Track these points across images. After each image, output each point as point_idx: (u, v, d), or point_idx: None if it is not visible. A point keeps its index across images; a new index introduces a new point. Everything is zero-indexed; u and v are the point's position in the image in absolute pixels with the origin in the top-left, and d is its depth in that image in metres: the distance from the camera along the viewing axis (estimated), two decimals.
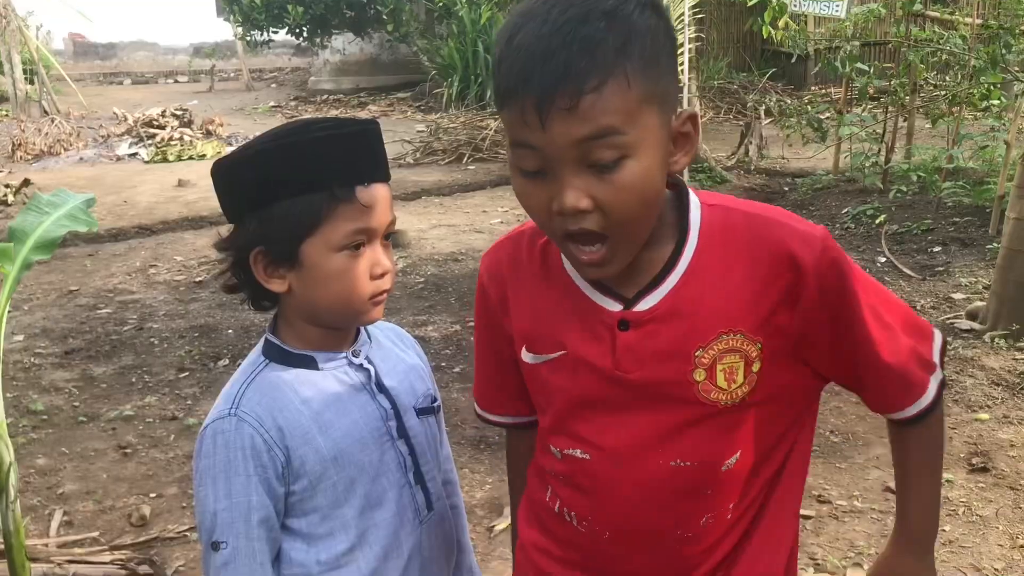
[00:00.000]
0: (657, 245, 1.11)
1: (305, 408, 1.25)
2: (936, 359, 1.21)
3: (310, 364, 1.29)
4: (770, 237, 1.10)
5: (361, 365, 1.32)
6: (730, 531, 1.20)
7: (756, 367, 1.11)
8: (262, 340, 1.33)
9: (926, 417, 1.21)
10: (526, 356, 1.21)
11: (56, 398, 4.51)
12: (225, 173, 1.26)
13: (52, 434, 4.12)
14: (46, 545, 3.09)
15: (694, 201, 1.13)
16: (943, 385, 1.22)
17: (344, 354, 1.31)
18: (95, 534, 3.24)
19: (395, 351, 1.41)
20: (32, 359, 5.02)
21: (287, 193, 1.20)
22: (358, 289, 1.24)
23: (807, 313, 1.10)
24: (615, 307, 1.13)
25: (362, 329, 1.36)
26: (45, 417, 4.29)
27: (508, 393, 1.32)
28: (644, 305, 1.11)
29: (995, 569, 2.89)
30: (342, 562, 1.27)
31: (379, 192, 1.24)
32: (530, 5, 1.02)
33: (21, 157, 11.81)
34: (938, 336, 1.22)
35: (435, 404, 1.42)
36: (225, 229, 1.32)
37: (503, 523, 3.23)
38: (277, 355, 1.29)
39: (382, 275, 1.26)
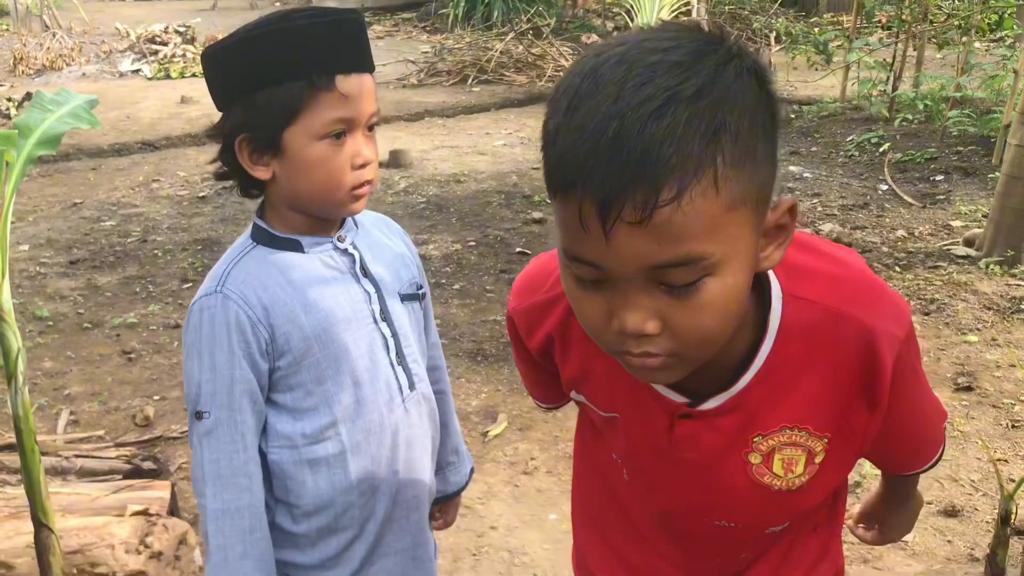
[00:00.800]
0: (732, 343, 0.96)
1: (290, 288, 1.30)
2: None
3: (296, 247, 1.33)
4: (856, 341, 0.99)
5: (346, 250, 1.36)
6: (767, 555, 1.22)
7: (819, 459, 1.06)
8: (251, 225, 1.37)
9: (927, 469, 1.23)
10: (574, 395, 1.16)
11: (61, 305, 4.58)
12: (212, 60, 1.29)
13: (58, 339, 4.21)
14: (54, 441, 3.19)
15: (776, 292, 0.98)
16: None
17: (330, 239, 1.35)
18: (101, 432, 3.34)
19: (383, 239, 1.45)
20: (37, 268, 5.08)
21: (269, 81, 1.23)
22: (338, 178, 1.27)
23: (883, 411, 1.04)
24: (679, 399, 1.04)
25: (349, 217, 1.39)
26: (51, 323, 4.37)
27: (560, 392, 1.22)
28: (710, 404, 1.03)
29: (971, 480, 2.98)
30: (325, 435, 1.33)
31: (360, 82, 1.26)
32: (599, 63, 0.81)
33: (23, 72, 11.71)
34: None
35: (420, 291, 1.47)
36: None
37: (496, 429, 3.33)
38: (264, 238, 1.34)
39: (363, 165, 1.29)
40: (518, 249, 5.22)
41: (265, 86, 1.24)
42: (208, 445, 1.28)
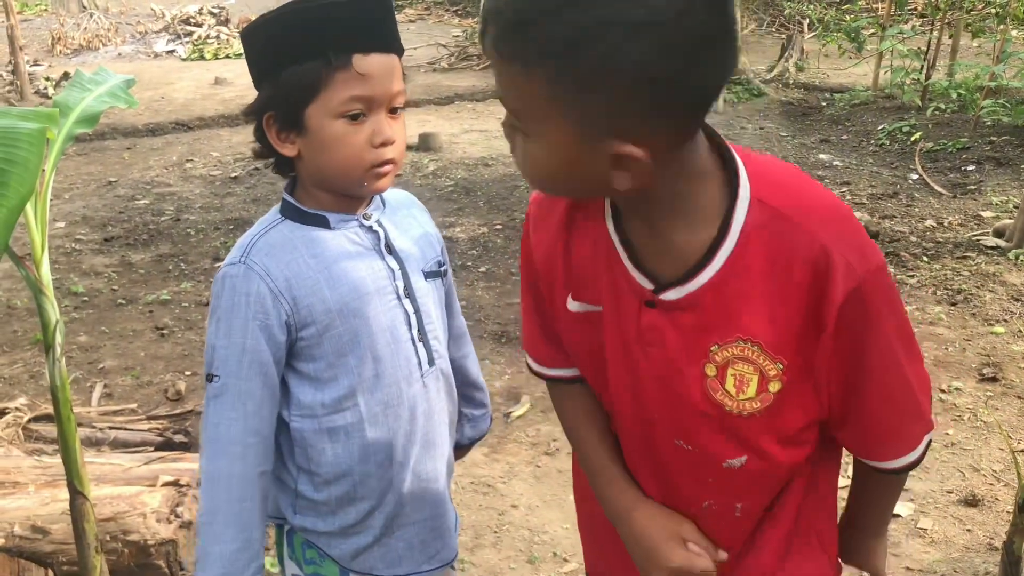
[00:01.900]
0: (699, 227, 1.03)
1: (314, 262, 1.33)
2: (929, 433, 1.16)
3: (323, 223, 1.36)
4: (813, 262, 1.00)
5: (371, 227, 1.40)
6: (736, 532, 1.19)
7: (775, 387, 1.06)
8: (280, 200, 1.41)
9: (906, 471, 1.17)
10: (572, 305, 1.18)
11: (96, 282, 4.68)
12: (246, 39, 1.34)
13: (92, 314, 4.30)
14: (88, 413, 3.28)
15: (743, 193, 1.02)
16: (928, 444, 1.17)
17: (356, 217, 1.39)
18: (133, 405, 3.42)
19: (409, 218, 1.48)
20: (73, 244, 5.18)
21: (291, 60, 1.27)
22: (358, 155, 1.30)
23: (825, 343, 1.04)
24: (646, 284, 1.08)
25: (376, 195, 1.43)
26: (86, 299, 4.47)
27: (558, 344, 1.26)
28: (672, 295, 1.06)
29: (993, 470, 2.99)
30: (344, 405, 1.37)
31: (380, 61, 1.29)
32: None
33: (60, 51, 11.88)
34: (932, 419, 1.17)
35: (443, 268, 1.50)
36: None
37: (519, 410, 3.37)
38: (292, 213, 1.37)
39: (383, 144, 1.31)
40: None
41: (288, 65, 1.28)
42: (214, 408, 1.33)
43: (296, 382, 1.37)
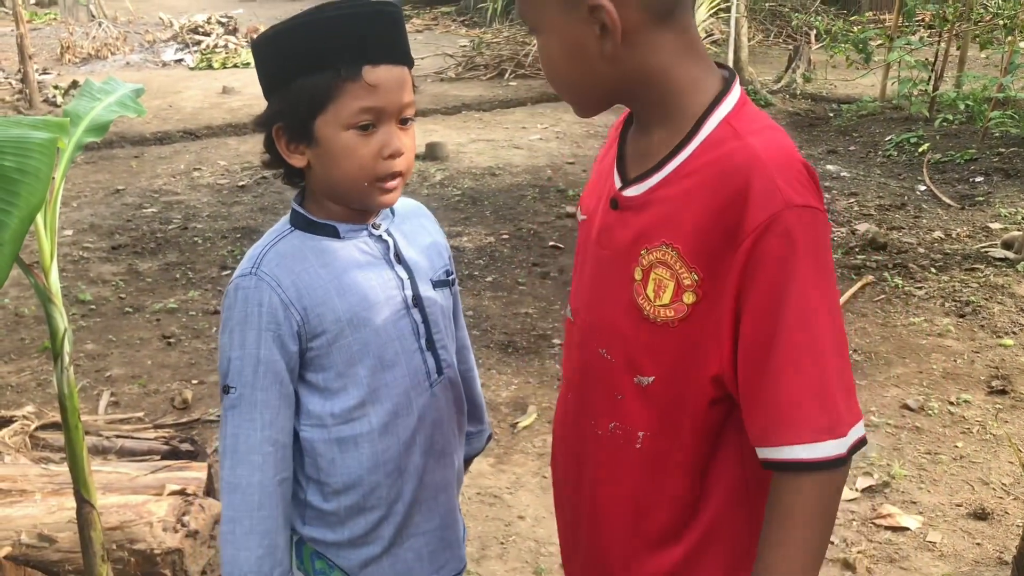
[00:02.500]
0: (674, 132, 1.11)
1: (324, 271, 1.34)
2: (849, 436, 1.05)
3: (332, 233, 1.37)
4: (744, 177, 1.04)
5: (381, 236, 1.40)
6: (635, 468, 1.19)
7: (689, 298, 1.08)
8: (290, 210, 1.41)
9: (797, 473, 1.05)
10: (579, 215, 1.30)
11: (103, 290, 4.69)
12: (257, 51, 1.35)
13: (100, 322, 4.31)
14: (95, 421, 3.28)
15: (720, 112, 1.10)
16: (836, 467, 1.05)
17: (365, 226, 1.39)
18: (140, 414, 3.42)
19: (417, 227, 1.49)
20: (81, 252, 5.19)
21: (301, 71, 1.27)
22: (367, 167, 1.30)
23: (737, 263, 1.04)
24: (618, 183, 1.17)
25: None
26: (93, 307, 4.48)
27: None
28: (631, 192, 1.14)
29: (1002, 484, 2.97)
30: (354, 415, 1.37)
31: (390, 73, 1.29)
32: None
33: (69, 60, 11.93)
34: (860, 425, 1.07)
35: (450, 278, 1.50)
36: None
37: (526, 420, 3.37)
38: (302, 223, 1.38)
39: (392, 156, 1.31)
40: (551, 243, 5.25)
41: (298, 76, 1.28)
42: (231, 419, 1.33)
43: (306, 392, 1.37)
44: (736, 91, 1.12)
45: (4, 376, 3.77)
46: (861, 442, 1.07)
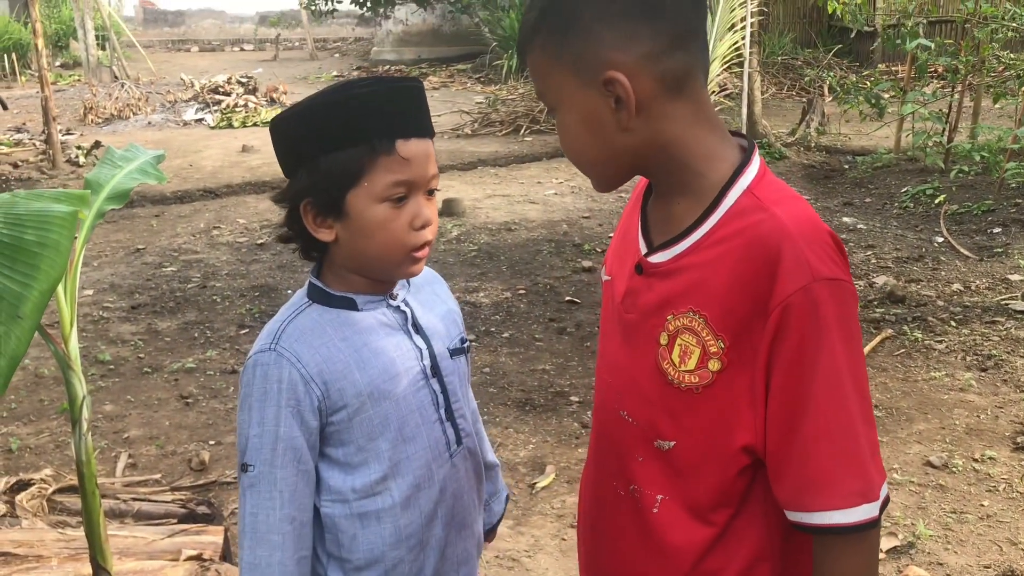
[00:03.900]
0: (697, 202, 1.14)
1: (344, 345, 1.34)
2: (880, 497, 1.09)
3: (350, 305, 1.37)
4: (773, 248, 1.06)
5: (398, 307, 1.41)
6: (652, 534, 1.19)
7: (714, 365, 1.10)
8: (306, 283, 1.42)
9: (836, 537, 1.08)
10: (604, 276, 1.33)
11: (123, 350, 4.72)
12: (279, 128, 1.36)
13: (118, 383, 4.32)
14: (112, 484, 3.27)
15: (742, 181, 1.13)
16: (872, 528, 1.09)
17: (383, 297, 1.40)
18: (157, 476, 3.41)
19: (432, 295, 1.49)
20: (101, 312, 5.24)
21: (332, 146, 1.29)
22: (400, 239, 1.31)
23: (766, 334, 1.07)
24: (643, 249, 1.20)
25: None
26: (112, 367, 4.50)
27: None
28: (657, 258, 1.17)
29: None
30: (375, 490, 1.35)
31: (420, 146, 1.31)
32: None
33: (92, 120, 12.16)
34: (885, 484, 1.11)
35: (465, 345, 1.50)
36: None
37: (544, 481, 3.33)
38: (320, 296, 1.38)
39: (423, 226, 1.33)
40: (567, 298, 5.25)
41: (329, 151, 1.29)
42: (250, 498, 1.32)
43: (326, 467, 1.36)
44: (756, 160, 1.16)
45: (23, 438, 3.79)
46: (887, 500, 1.11)
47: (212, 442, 3.72)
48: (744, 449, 1.13)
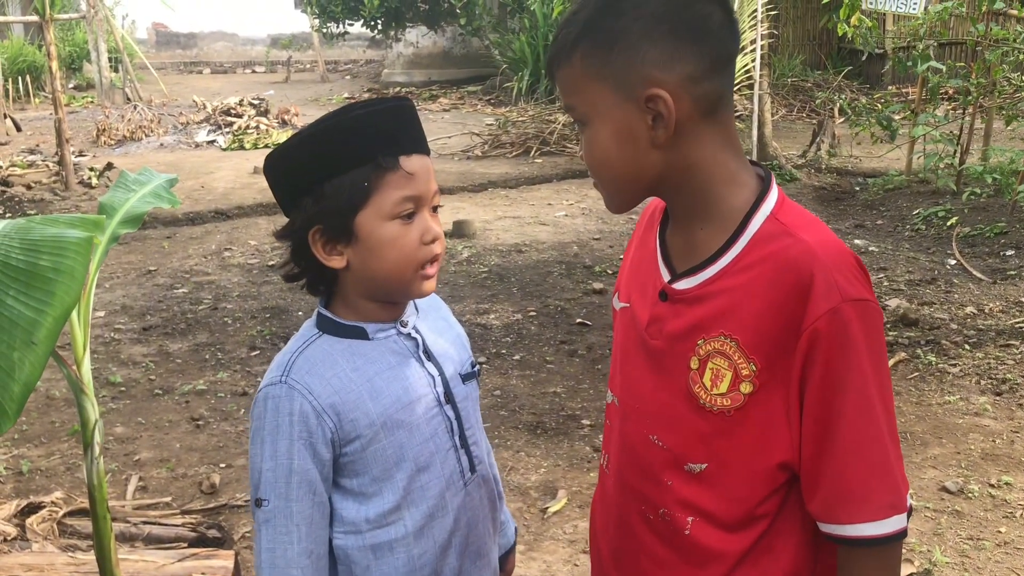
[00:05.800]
0: (720, 228, 1.16)
1: (356, 376, 1.33)
2: (907, 505, 1.14)
3: (361, 334, 1.36)
4: (804, 271, 1.10)
5: (409, 334, 1.40)
6: (682, 557, 1.21)
7: (746, 388, 1.13)
8: (315, 314, 1.41)
9: (867, 548, 1.13)
10: (616, 303, 1.34)
11: (134, 371, 4.72)
12: (277, 162, 1.34)
13: (129, 405, 4.32)
14: (123, 507, 3.27)
15: (765, 208, 1.16)
16: (900, 539, 1.14)
17: (393, 324, 1.39)
18: (168, 499, 3.40)
19: (440, 320, 1.48)
20: (112, 334, 5.25)
21: (337, 170, 1.28)
22: (412, 254, 1.31)
23: (798, 355, 1.10)
24: (665, 276, 1.22)
25: (412, 300, 1.43)
26: (123, 389, 4.50)
27: None
28: (683, 284, 1.19)
29: None
30: (389, 520, 1.34)
31: (421, 162, 1.32)
32: None
33: (105, 142, 12.23)
34: (910, 498, 1.15)
35: (475, 369, 1.49)
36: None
37: (556, 505, 3.31)
38: (329, 327, 1.37)
39: (433, 240, 1.33)
40: (578, 320, 5.24)
41: (334, 175, 1.29)
42: (266, 533, 1.31)
43: (339, 498, 1.35)
44: (775, 187, 1.19)
45: (34, 460, 3.78)
46: (911, 510, 1.16)
47: (223, 464, 3.71)
48: (781, 466, 1.16)
